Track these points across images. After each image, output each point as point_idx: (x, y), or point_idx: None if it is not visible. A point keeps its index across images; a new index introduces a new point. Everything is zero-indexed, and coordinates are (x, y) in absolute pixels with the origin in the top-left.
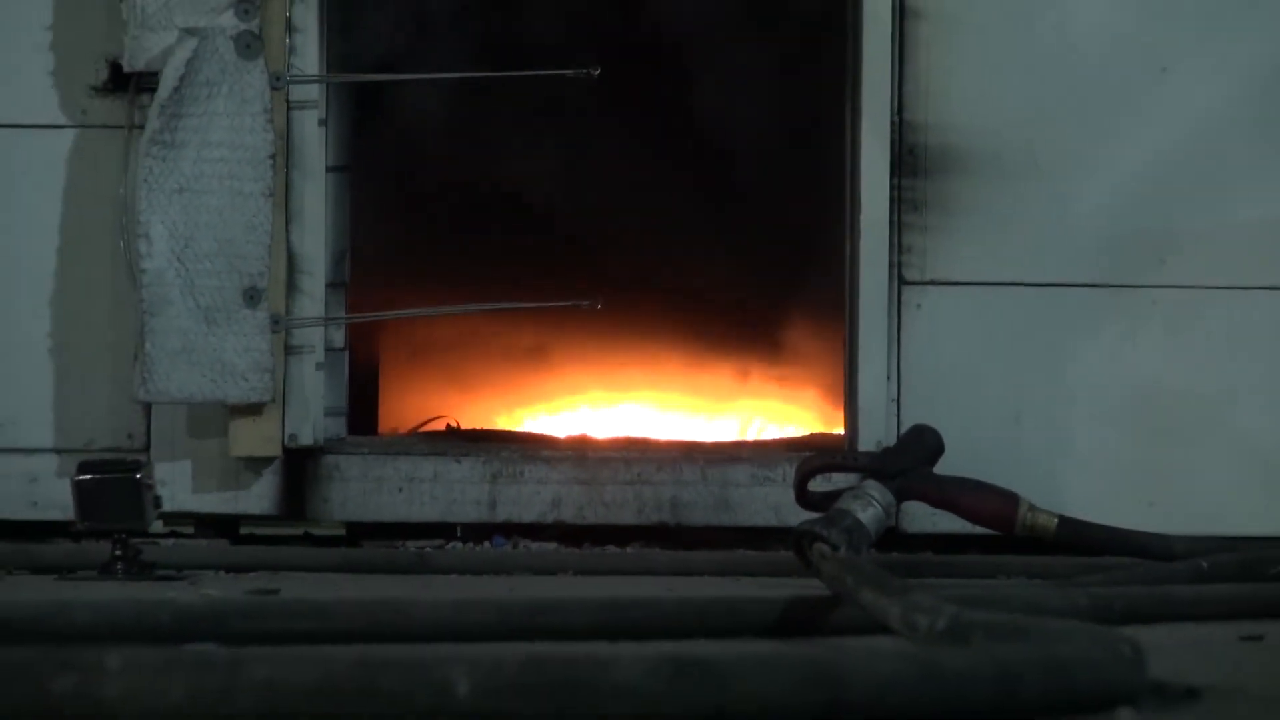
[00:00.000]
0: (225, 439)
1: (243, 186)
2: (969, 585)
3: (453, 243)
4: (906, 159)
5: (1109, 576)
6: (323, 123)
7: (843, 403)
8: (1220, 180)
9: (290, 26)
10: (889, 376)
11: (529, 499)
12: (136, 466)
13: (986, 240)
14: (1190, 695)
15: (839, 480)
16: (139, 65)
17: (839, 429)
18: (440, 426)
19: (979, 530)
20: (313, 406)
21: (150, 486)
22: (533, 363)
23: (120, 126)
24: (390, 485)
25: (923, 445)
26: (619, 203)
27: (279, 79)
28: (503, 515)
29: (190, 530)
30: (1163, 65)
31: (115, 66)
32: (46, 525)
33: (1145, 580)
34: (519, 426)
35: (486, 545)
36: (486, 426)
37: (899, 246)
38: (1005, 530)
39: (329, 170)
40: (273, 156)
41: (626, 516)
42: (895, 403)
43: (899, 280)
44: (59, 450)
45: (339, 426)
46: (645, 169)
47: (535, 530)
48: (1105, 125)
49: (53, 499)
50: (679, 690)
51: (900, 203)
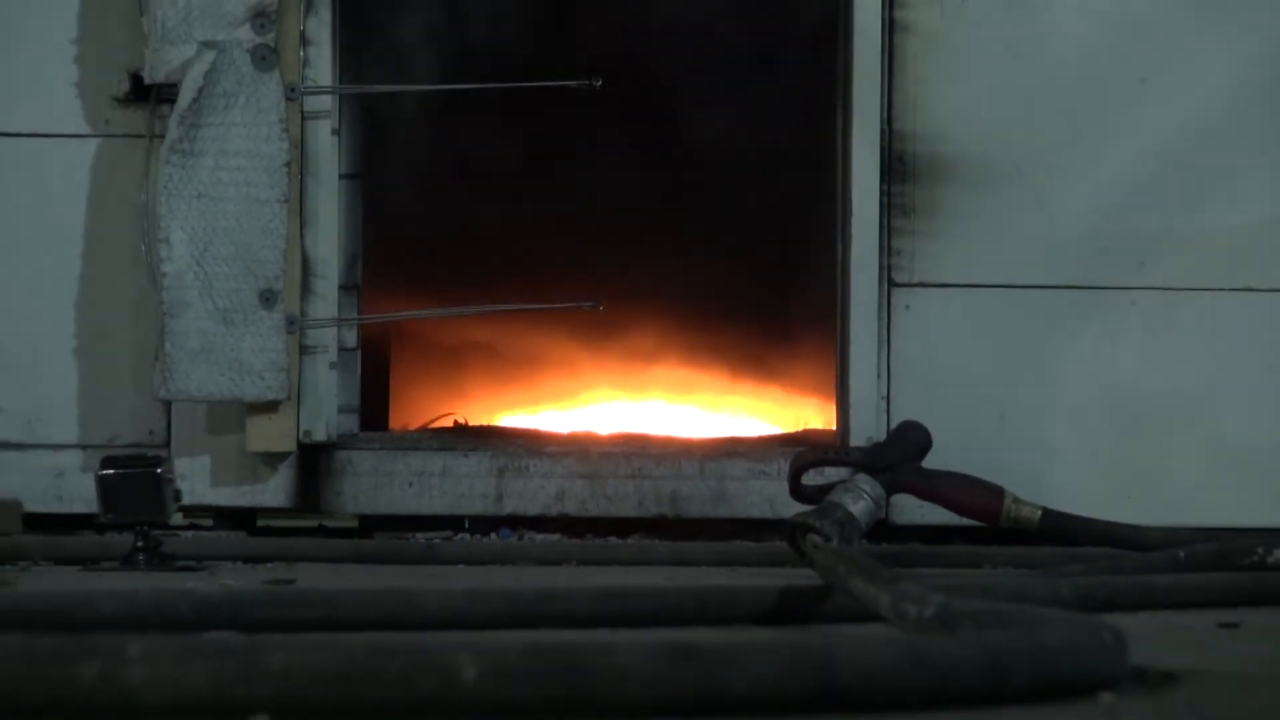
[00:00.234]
0: (243, 435)
1: (259, 193)
2: (956, 575)
3: (459, 246)
4: (896, 166)
5: (1090, 566)
6: (336, 132)
7: (835, 400)
8: (1196, 186)
9: (304, 40)
10: (879, 375)
11: (534, 492)
12: (157, 461)
13: (972, 244)
14: (1169, 680)
15: (831, 474)
16: (159, 77)
17: (831, 425)
18: (448, 423)
19: (965, 522)
20: (326, 404)
21: (170, 481)
22: (536, 363)
23: (141, 136)
24: (401, 479)
25: (911, 441)
26: (621, 210)
27: (294, 90)
28: (509, 508)
29: (209, 523)
30: (1141, 76)
31: (136, 78)
32: (72, 518)
33: (1125, 570)
34: (524, 423)
35: (493, 537)
36: (494, 423)
37: (889, 250)
38: (991, 522)
39: (342, 177)
40: (288, 164)
41: (627, 509)
42: (885, 400)
43: (889, 282)
44: (83, 446)
45: (351, 423)
46: (645, 178)
47: (540, 522)
48: (1086, 134)
49: (78, 493)
50: (677, 676)
51: (890, 208)
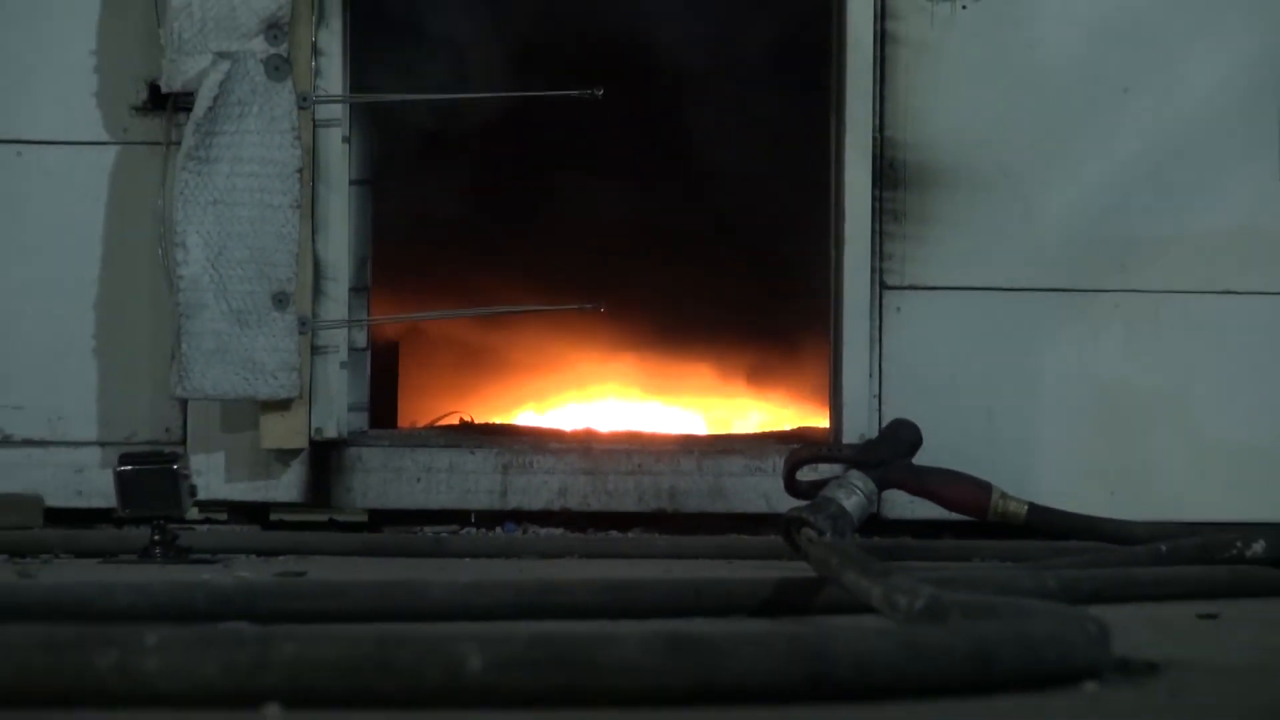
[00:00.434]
0: (256, 432)
1: (272, 199)
2: (945, 568)
3: (466, 250)
4: (887, 173)
5: (1075, 560)
6: (346, 140)
7: (828, 399)
8: (1177, 192)
9: (316, 51)
10: (871, 374)
11: (538, 488)
12: (174, 458)
13: (961, 248)
14: (1151, 669)
15: (825, 470)
16: (176, 87)
17: (825, 423)
18: (455, 421)
19: (955, 517)
20: (337, 402)
21: (186, 476)
22: (539, 363)
23: (159, 143)
24: (409, 475)
25: (902, 438)
26: (624, 218)
27: (305, 99)
28: (513, 503)
29: (223, 517)
30: (1124, 86)
31: (154, 88)
32: (91, 512)
33: (1109, 563)
34: (528, 421)
35: (498, 531)
36: (499, 421)
37: (880, 254)
38: (979, 517)
39: (352, 183)
40: (300, 171)
41: (628, 504)
42: (877, 399)
43: (880, 285)
44: (102, 443)
45: (361, 421)
46: (646, 183)
47: (543, 517)
48: (1070, 142)
49: (97, 488)
50: (676, 666)
51: (882, 214)
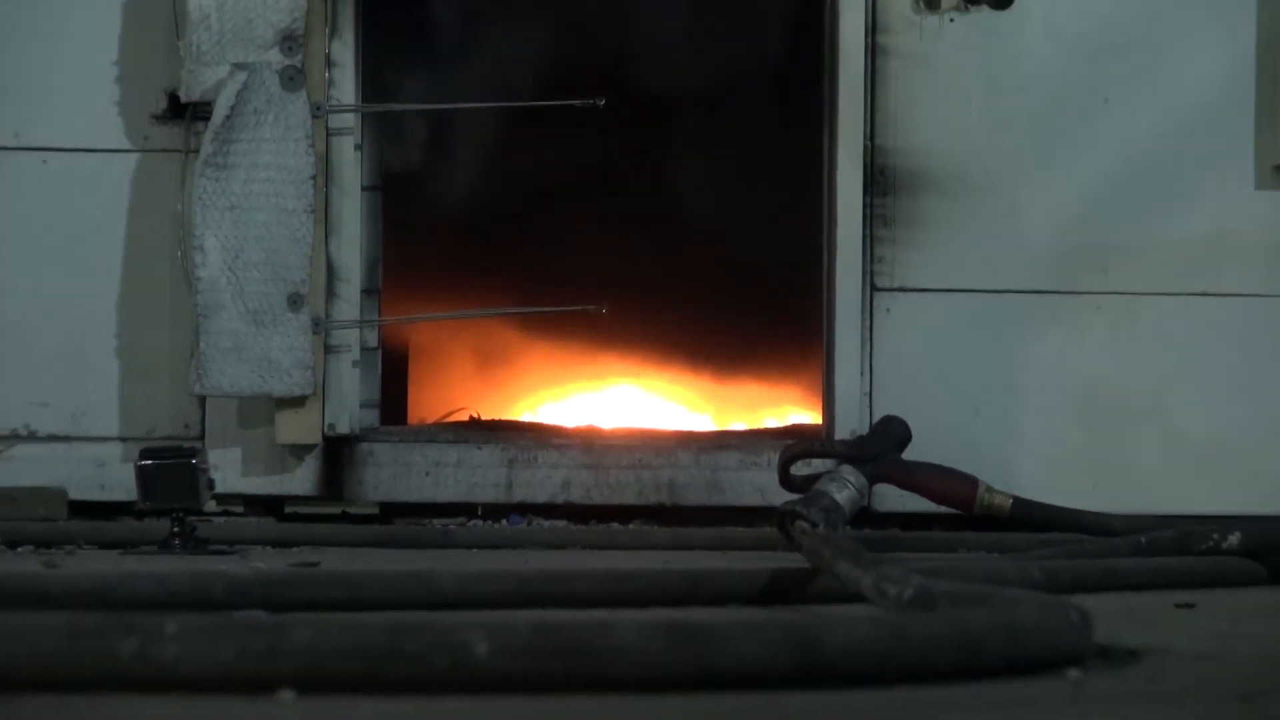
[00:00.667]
0: (272, 428)
1: (287, 204)
2: (934, 558)
3: (473, 253)
4: (878, 179)
5: (1058, 550)
6: (358, 147)
7: (821, 396)
8: (1156, 198)
9: (329, 62)
10: (862, 372)
11: (542, 481)
12: (193, 452)
13: (949, 252)
14: (1131, 657)
15: (818, 465)
16: (195, 96)
17: (818, 419)
18: (463, 417)
19: (942, 509)
20: (349, 399)
21: (205, 470)
22: (543, 363)
23: (178, 151)
24: (418, 469)
25: (893, 434)
26: (626, 222)
27: (319, 108)
28: (518, 496)
29: (240, 510)
30: (1105, 96)
31: (173, 97)
32: (113, 505)
33: (1090, 554)
34: (532, 418)
35: (504, 523)
36: (504, 417)
37: (871, 257)
38: (966, 509)
39: (364, 189)
40: (314, 177)
41: (628, 497)
42: (868, 396)
43: (871, 287)
44: (124, 438)
45: (373, 417)
46: (648, 193)
47: (547, 509)
48: (1054, 149)
49: (118, 482)
50: (674, 653)
51: (872, 218)
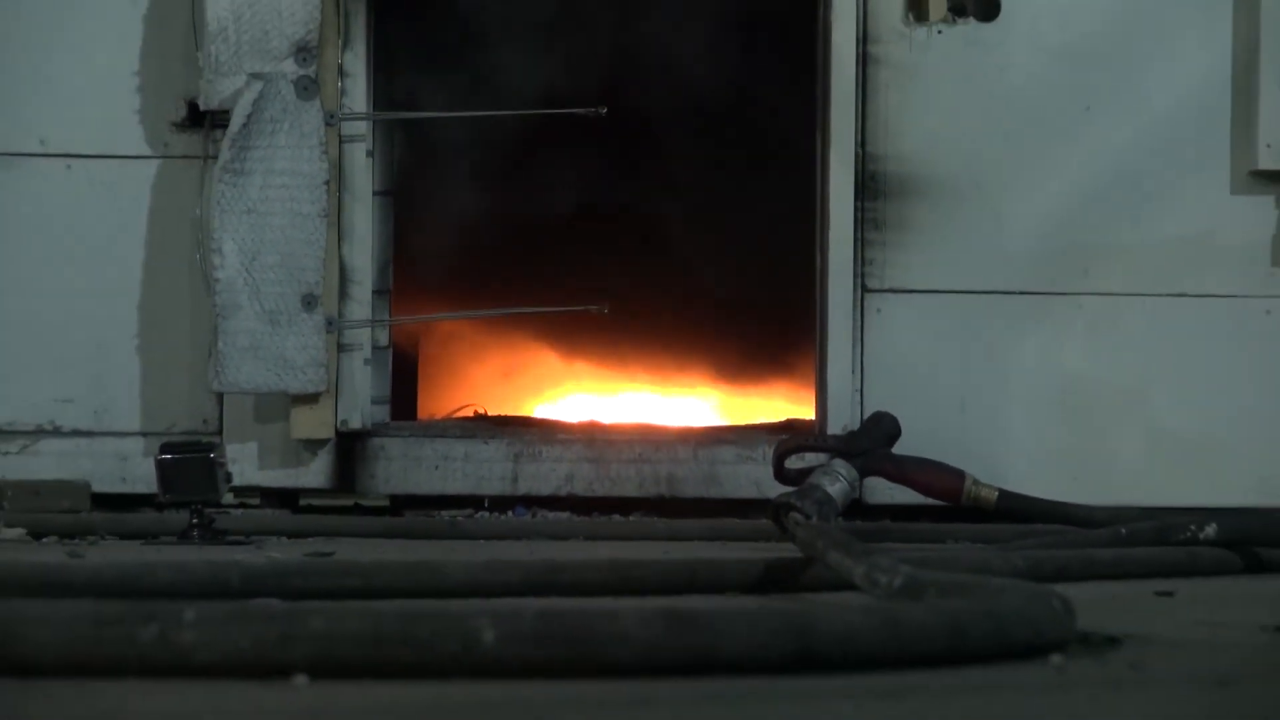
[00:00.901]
0: (287, 424)
1: (301, 208)
2: (922, 549)
3: (480, 255)
4: (869, 184)
5: (1042, 541)
6: (370, 154)
7: (814, 393)
8: (1136, 202)
9: (342, 72)
10: (853, 370)
11: (546, 475)
12: (211, 447)
13: (937, 254)
14: (1112, 643)
15: (811, 459)
16: (213, 105)
17: (811, 415)
18: (470, 413)
19: (931, 502)
20: (361, 396)
21: (222, 464)
22: (545, 361)
23: (197, 157)
24: (428, 463)
25: (883, 429)
26: (628, 227)
27: (332, 117)
28: (524, 489)
29: (256, 502)
30: (1086, 105)
31: (192, 106)
32: (134, 498)
33: (1073, 545)
34: (537, 414)
35: (510, 514)
36: (510, 413)
37: (862, 259)
38: (953, 502)
39: (375, 194)
40: (327, 183)
41: (629, 490)
42: (859, 393)
43: (862, 288)
44: (145, 433)
45: (383, 413)
46: (649, 200)
47: (551, 502)
48: (1037, 156)
49: (139, 475)
50: (672, 640)
51: (863, 222)
